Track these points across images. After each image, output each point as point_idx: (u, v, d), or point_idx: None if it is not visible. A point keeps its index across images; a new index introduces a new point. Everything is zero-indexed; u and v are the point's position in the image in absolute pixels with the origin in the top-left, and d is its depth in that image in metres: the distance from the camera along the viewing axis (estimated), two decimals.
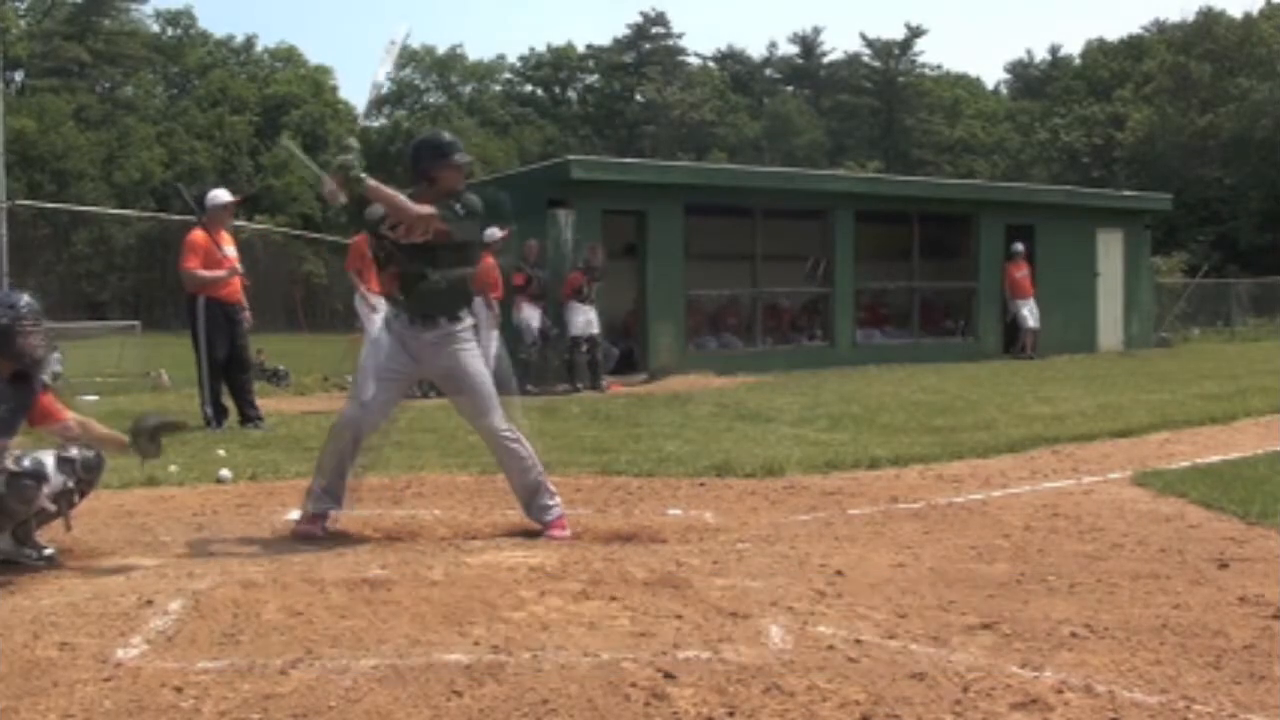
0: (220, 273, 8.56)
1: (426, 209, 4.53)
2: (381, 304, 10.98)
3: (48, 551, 4.20)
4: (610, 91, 72.34)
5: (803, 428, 8.47)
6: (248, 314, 8.89)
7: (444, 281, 4.65)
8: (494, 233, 12.23)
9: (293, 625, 3.31)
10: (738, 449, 7.15)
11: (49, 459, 4.05)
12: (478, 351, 4.84)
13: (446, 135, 4.87)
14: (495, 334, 12.20)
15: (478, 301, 10.82)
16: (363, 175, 4.48)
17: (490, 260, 12.06)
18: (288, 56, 68.29)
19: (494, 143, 63.97)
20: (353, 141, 4.59)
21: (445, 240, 4.59)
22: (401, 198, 4.55)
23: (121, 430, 4.46)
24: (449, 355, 4.69)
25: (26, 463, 3.95)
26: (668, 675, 2.85)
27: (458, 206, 4.61)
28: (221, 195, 9.04)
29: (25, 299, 4.20)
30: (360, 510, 5.02)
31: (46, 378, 4.37)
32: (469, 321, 4.79)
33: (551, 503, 4.74)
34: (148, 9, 70.57)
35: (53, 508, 4.10)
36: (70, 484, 4.09)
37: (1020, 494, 5.68)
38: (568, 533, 4.66)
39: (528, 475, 4.73)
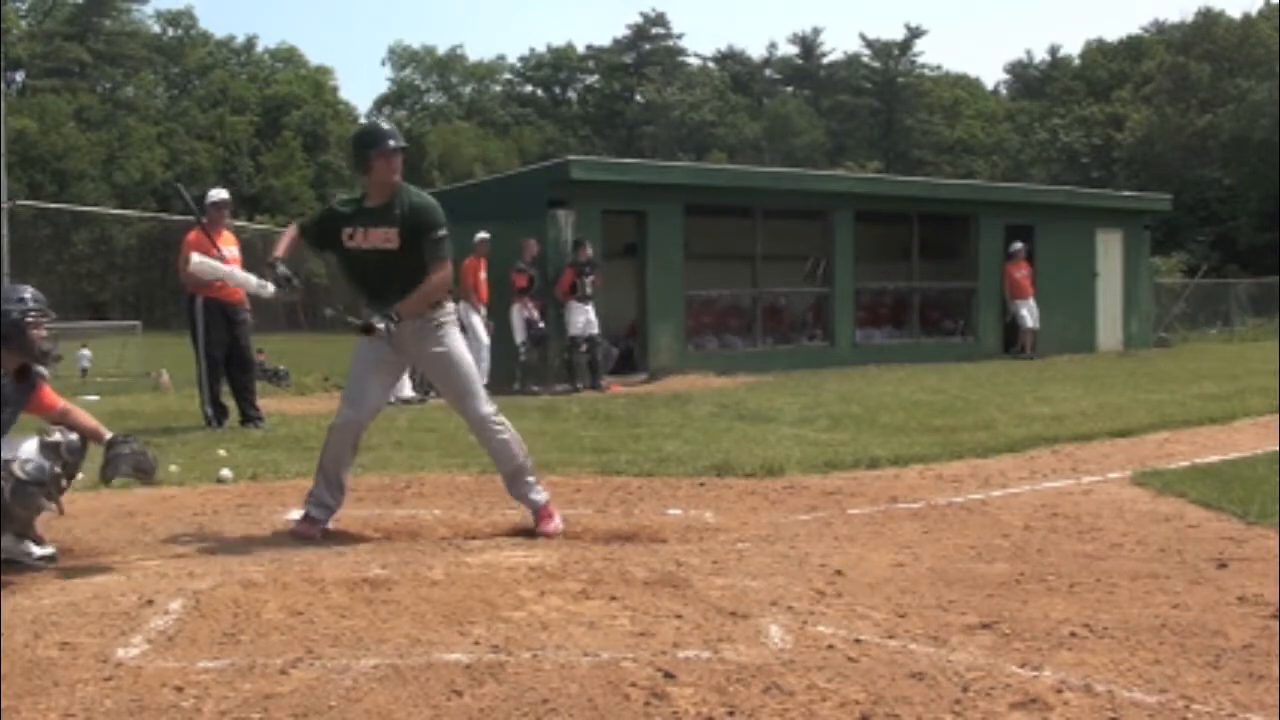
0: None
1: (438, 281, 4.63)
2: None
3: (49, 550, 4.20)
4: (610, 92, 72.35)
5: (803, 428, 8.47)
6: (249, 312, 8.87)
7: (408, 287, 4.63)
8: (481, 235, 12.24)
9: (293, 625, 3.31)
10: (738, 449, 7.15)
11: (32, 445, 4.03)
12: (459, 335, 4.86)
13: (383, 124, 5.01)
14: (487, 341, 12.16)
15: (464, 307, 10.81)
16: (398, 318, 4.55)
17: (473, 262, 12.05)
18: (288, 57, 68.33)
19: (494, 143, 64.02)
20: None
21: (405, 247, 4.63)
22: (422, 292, 4.60)
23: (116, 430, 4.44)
24: (432, 340, 4.71)
25: (30, 468, 3.94)
26: (668, 675, 2.85)
27: (437, 234, 4.62)
28: (217, 194, 9.05)
29: (31, 291, 4.23)
30: (360, 510, 5.03)
31: (45, 370, 4.34)
32: (449, 308, 4.82)
33: (539, 490, 4.76)
34: (148, 9, 70.69)
35: (52, 507, 4.11)
36: (57, 469, 4.08)
37: (1020, 494, 5.68)
38: (557, 522, 4.67)
39: (514, 461, 4.75)
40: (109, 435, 4.26)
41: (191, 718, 2.63)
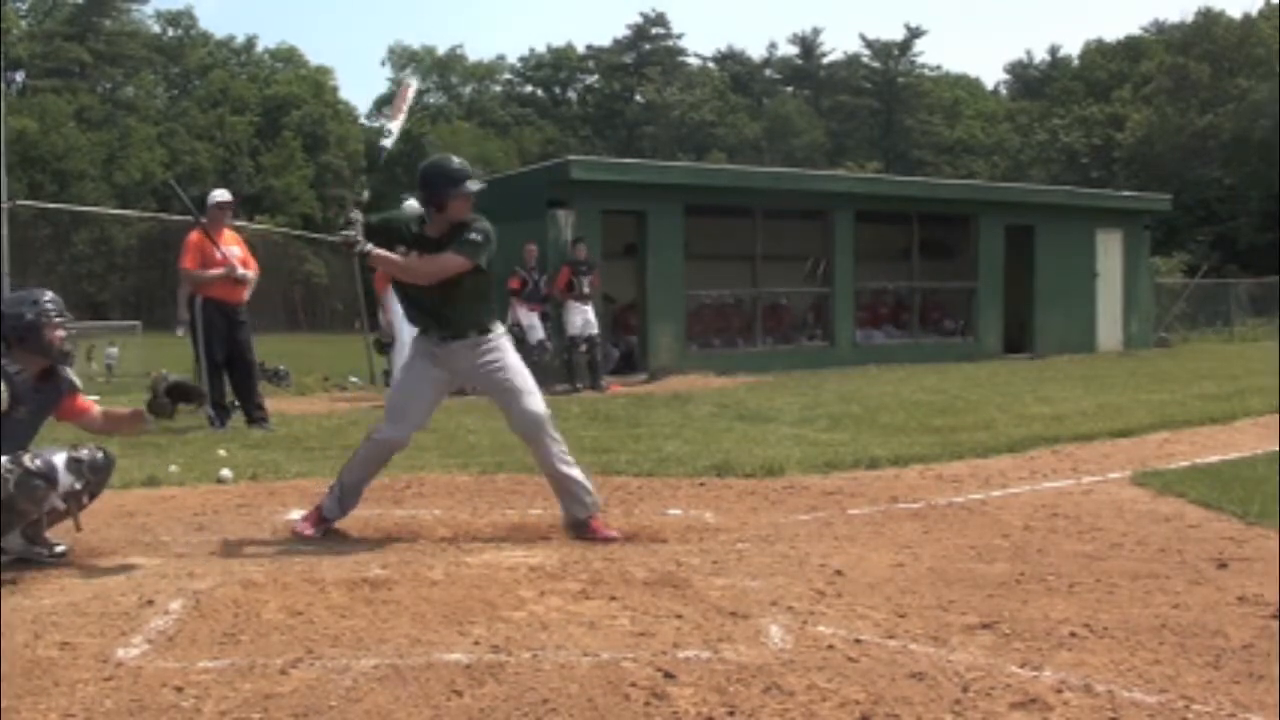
0: (216, 272, 8.54)
1: (435, 267, 4.50)
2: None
3: (60, 549, 4.22)
4: (610, 92, 72.34)
5: (803, 428, 8.48)
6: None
7: (466, 304, 4.62)
8: None
9: (293, 625, 3.32)
10: (738, 449, 7.15)
11: (59, 459, 4.07)
12: (514, 350, 4.79)
13: (456, 162, 4.71)
14: None
15: None
16: (368, 249, 4.49)
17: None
18: (288, 57, 68.32)
19: (494, 143, 64.00)
20: (356, 214, 4.56)
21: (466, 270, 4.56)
22: (407, 262, 4.54)
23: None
24: (485, 356, 4.65)
25: (38, 462, 3.97)
26: (668, 675, 2.85)
27: (475, 236, 4.55)
28: (218, 194, 9.05)
29: (49, 294, 4.28)
30: (360, 510, 5.02)
31: (73, 374, 4.37)
32: (500, 329, 4.75)
33: (588, 499, 4.67)
34: (148, 9, 70.70)
35: (63, 507, 4.12)
36: (79, 485, 4.11)
37: (1020, 494, 5.68)
38: (614, 532, 4.58)
39: (569, 479, 4.65)
40: (144, 406, 4.38)
41: (191, 718, 2.63)
